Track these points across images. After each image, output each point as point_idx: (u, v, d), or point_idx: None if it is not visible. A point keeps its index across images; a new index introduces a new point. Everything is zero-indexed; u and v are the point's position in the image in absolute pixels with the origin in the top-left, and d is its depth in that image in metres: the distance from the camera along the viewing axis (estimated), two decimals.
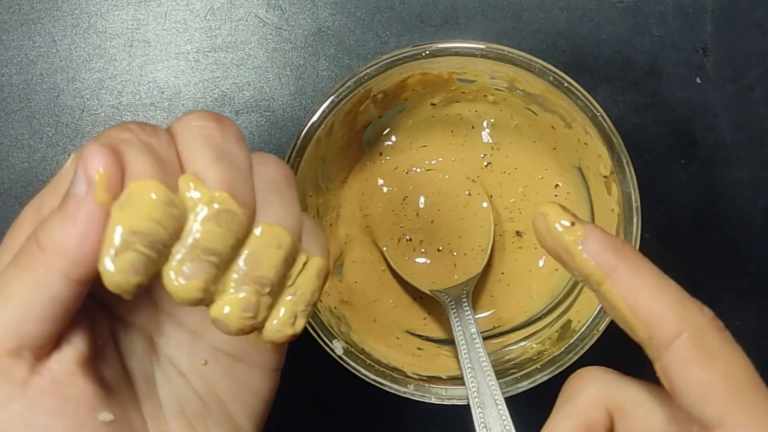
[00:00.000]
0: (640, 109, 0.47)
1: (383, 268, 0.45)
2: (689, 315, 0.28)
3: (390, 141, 0.45)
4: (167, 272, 0.27)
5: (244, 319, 0.28)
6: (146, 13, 0.47)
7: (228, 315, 0.28)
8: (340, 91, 0.39)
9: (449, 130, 0.45)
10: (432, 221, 0.45)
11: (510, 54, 0.39)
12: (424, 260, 0.45)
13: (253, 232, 0.28)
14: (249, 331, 0.28)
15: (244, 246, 0.28)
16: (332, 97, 0.39)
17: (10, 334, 0.28)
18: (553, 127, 0.43)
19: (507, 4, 0.46)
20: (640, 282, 0.28)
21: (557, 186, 0.45)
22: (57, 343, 0.29)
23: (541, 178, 0.45)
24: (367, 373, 0.40)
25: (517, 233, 0.45)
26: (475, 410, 0.38)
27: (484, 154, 0.45)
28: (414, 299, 0.45)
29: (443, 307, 0.43)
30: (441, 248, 0.45)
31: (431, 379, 0.41)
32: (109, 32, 0.46)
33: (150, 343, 0.33)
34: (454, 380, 0.40)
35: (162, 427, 0.32)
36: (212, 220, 0.27)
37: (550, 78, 0.39)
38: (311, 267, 0.29)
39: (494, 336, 0.44)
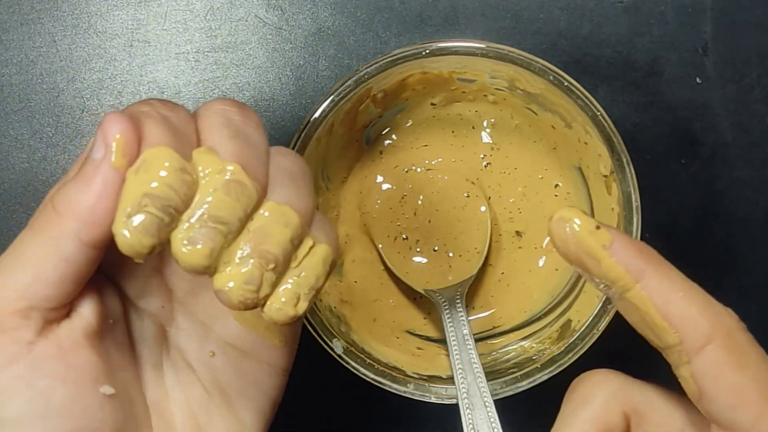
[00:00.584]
0: (640, 109, 0.46)
1: (383, 268, 0.45)
2: (719, 318, 0.28)
3: (390, 140, 0.45)
4: (176, 237, 0.27)
5: (246, 292, 0.28)
6: (146, 13, 0.47)
7: (231, 286, 0.28)
8: (340, 90, 0.39)
9: (450, 130, 0.45)
10: (429, 221, 0.45)
11: (510, 53, 0.39)
12: (420, 259, 0.45)
13: (262, 207, 0.29)
14: (251, 306, 0.29)
15: (252, 220, 0.28)
16: (332, 97, 0.39)
17: (21, 294, 0.28)
18: (553, 127, 0.43)
19: (507, 4, 0.46)
20: (669, 286, 0.28)
21: (557, 186, 0.45)
22: (67, 312, 0.30)
23: (541, 178, 0.45)
24: (367, 373, 0.40)
25: (517, 233, 0.45)
26: (464, 411, 0.38)
27: (483, 154, 0.45)
28: (414, 299, 0.45)
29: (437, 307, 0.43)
30: (437, 248, 0.45)
31: (431, 378, 0.41)
32: (109, 32, 0.46)
33: (162, 331, 0.34)
34: (453, 380, 0.40)
35: (165, 415, 0.32)
36: (222, 189, 0.28)
37: (550, 77, 0.39)
38: (317, 252, 0.30)
39: (494, 336, 0.44)
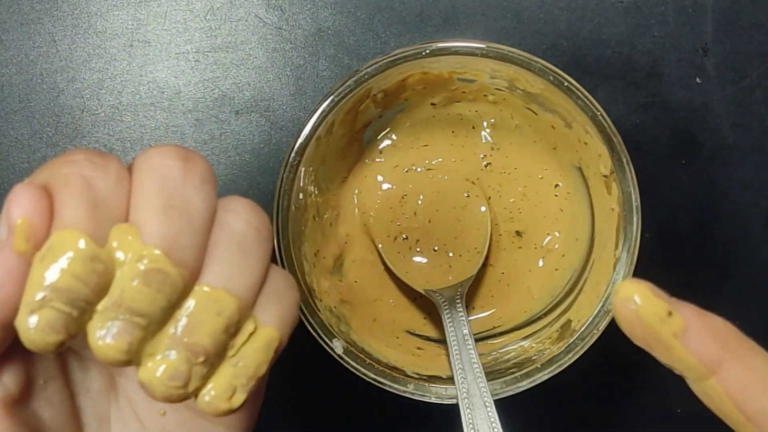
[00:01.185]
0: (640, 110, 0.46)
1: (383, 268, 0.45)
2: None
3: (390, 140, 0.45)
4: (91, 330, 0.25)
5: (170, 388, 0.26)
6: (146, 13, 0.47)
7: (154, 381, 0.26)
8: (340, 90, 0.39)
9: (450, 130, 0.45)
10: (429, 221, 0.45)
11: (510, 53, 0.39)
12: (420, 259, 0.45)
13: (192, 294, 0.26)
14: (177, 400, 0.26)
15: (180, 308, 0.26)
16: (332, 97, 0.39)
17: None
18: (553, 127, 0.43)
19: (507, 3, 0.46)
20: (750, 377, 0.25)
21: (557, 186, 0.45)
22: None
23: (541, 178, 0.45)
24: (367, 373, 0.40)
25: (517, 233, 0.45)
26: (464, 411, 0.38)
27: (483, 154, 0.45)
28: (414, 299, 0.45)
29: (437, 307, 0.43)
30: (437, 248, 0.45)
31: (431, 378, 0.41)
32: (109, 32, 0.46)
33: (110, 380, 0.31)
34: (453, 380, 0.40)
35: None
36: (140, 279, 0.25)
37: (550, 77, 0.39)
38: (260, 338, 0.27)
39: (494, 336, 0.44)
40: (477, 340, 0.42)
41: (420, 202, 0.45)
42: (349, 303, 0.44)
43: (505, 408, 0.39)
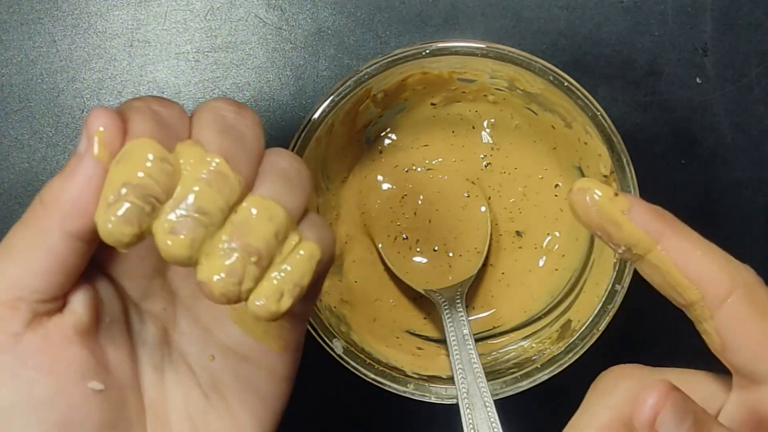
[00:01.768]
0: (640, 109, 0.47)
1: (383, 268, 0.45)
2: (739, 273, 0.29)
3: (390, 140, 0.45)
4: (157, 227, 0.27)
5: (228, 285, 0.28)
6: (146, 13, 0.47)
7: (212, 278, 0.28)
8: (340, 90, 0.39)
9: (450, 130, 0.45)
10: (429, 221, 0.45)
11: (510, 53, 0.39)
12: (420, 259, 0.45)
13: (246, 200, 0.28)
14: (233, 300, 0.28)
15: (236, 212, 0.28)
16: (332, 97, 0.40)
17: (8, 285, 0.29)
18: (553, 127, 0.43)
19: (507, 3, 0.46)
20: (688, 245, 0.29)
21: (557, 186, 0.45)
22: (60, 307, 0.30)
23: (541, 178, 0.45)
24: (367, 373, 0.40)
25: (517, 233, 0.45)
26: (464, 411, 0.38)
27: (484, 154, 0.45)
28: (414, 299, 0.45)
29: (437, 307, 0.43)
30: (437, 248, 0.45)
31: (431, 378, 0.41)
32: (109, 32, 0.46)
33: (164, 334, 0.33)
34: (453, 380, 0.40)
35: (161, 416, 0.32)
36: (204, 180, 0.27)
37: (550, 77, 0.39)
38: (304, 249, 0.29)
39: (494, 336, 0.44)
40: (477, 340, 0.42)
41: (420, 202, 0.45)
42: (349, 303, 0.44)
43: (505, 408, 0.39)
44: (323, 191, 0.44)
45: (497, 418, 0.38)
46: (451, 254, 0.45)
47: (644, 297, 0.35)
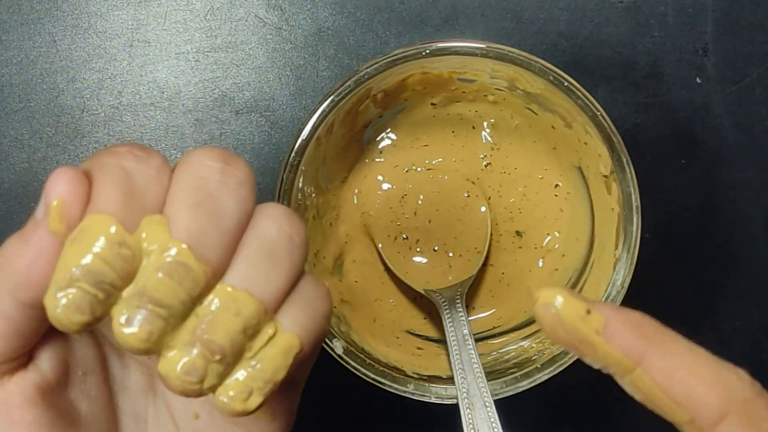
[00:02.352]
0: (640, 110, 0.46)
1: (383, 268, 0.45)
2: (731, 389, 0.26)
3: (390, 140, 0.45)
4: (115, 315, 0.25)
5: (186, 383, 0.26)
6: (146, 13, 0.47)
7: (171, 374, 0.26)
8: (340, 90, 0.39)
9: (450, 130, 0.45)
10: (429, 221, 0.45)
11: (510, 53, 0.39)
12: (420, 259, 0.45)
13: (213, 292, 0.26)
14: (193, 395, 0.26)
15: (201, 305, 0.26)
16: (332, 97, 0.39)
17: None
18: (553, 127, 0.43)
19: (507, 4, 0.46)
20: (673, 363, 0.26)
21: (557, 186, 0.44)
22: (24, 363, 0.28)
23: (541, 178, 0.45)
24: (367, 373, 0.40)
25: (517, 233, 0.45)
26: (464, 411, 0.38)
27: (484, 154, 0.45)
28: (414, 299, 0.45)
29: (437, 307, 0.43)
30: (437, 248, 0.45)
31: (431, 378, 0.41)
32: (109, 32, 0.46)
33: (150, 380, 0.32)
34: (453, 380, 0.40)
35: None
36: (164, 271, 0.25)
37: (550, 77, 0.39)
38: (278, 343, 0.27)
39: (494, 336, 0.44)
40: (477, 340, 0.42)
41: (420, 202, 0.45)
42: (349, 303, 0.44)
43: (505, 408, 0.39)
44: (323, 191, 0.44)
45: (497, 418, 0.38)
46: (451, 254, 0.45)
47: (644, 297, 0.34)
